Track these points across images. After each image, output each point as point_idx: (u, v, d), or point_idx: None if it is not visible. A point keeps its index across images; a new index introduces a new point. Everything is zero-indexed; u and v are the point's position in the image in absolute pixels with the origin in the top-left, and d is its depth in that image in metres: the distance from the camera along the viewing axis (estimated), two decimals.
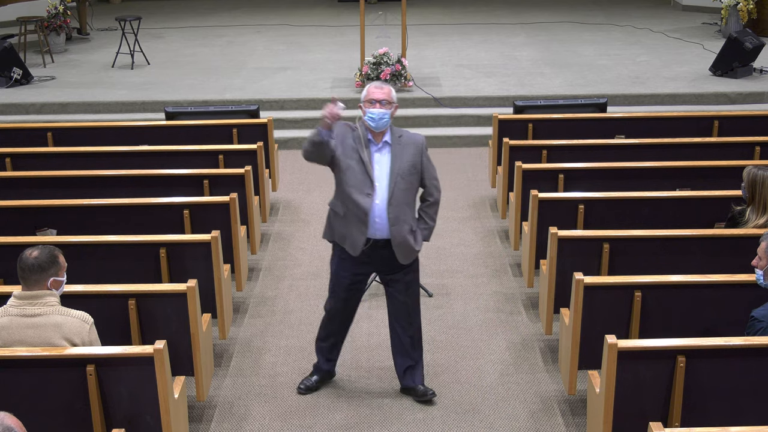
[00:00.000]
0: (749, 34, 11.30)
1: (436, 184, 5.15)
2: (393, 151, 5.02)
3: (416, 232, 5.10)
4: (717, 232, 5.76)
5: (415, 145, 5.07)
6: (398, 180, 4.99)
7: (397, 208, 4.99)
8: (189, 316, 4.97)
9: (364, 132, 5.05)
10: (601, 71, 11.64)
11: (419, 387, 5.33)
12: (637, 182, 6.75)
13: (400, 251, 5.05)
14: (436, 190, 5.15)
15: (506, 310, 6.45)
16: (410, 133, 5.15)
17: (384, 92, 5.02)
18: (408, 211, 5.04)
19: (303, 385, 5.47)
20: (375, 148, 5.04)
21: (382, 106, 4.98)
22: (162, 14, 15.92)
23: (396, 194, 4.99)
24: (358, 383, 5.56)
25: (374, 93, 5.00)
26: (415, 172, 5.04)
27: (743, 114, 8.64)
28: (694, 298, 5.01)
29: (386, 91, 5.04)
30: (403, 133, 5.11)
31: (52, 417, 4.35)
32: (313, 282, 6.90)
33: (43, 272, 4.23)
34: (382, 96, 4.99)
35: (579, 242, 5.65)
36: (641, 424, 4.34)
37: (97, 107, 10.76)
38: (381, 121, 4.98)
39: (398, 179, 4.99)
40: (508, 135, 7.76)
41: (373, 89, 5.03)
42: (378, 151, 5.04)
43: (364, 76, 10.71)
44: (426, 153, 5.11)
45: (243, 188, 6.85)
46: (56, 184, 6.83)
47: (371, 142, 5.05)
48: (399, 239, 5.02)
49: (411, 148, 5.05)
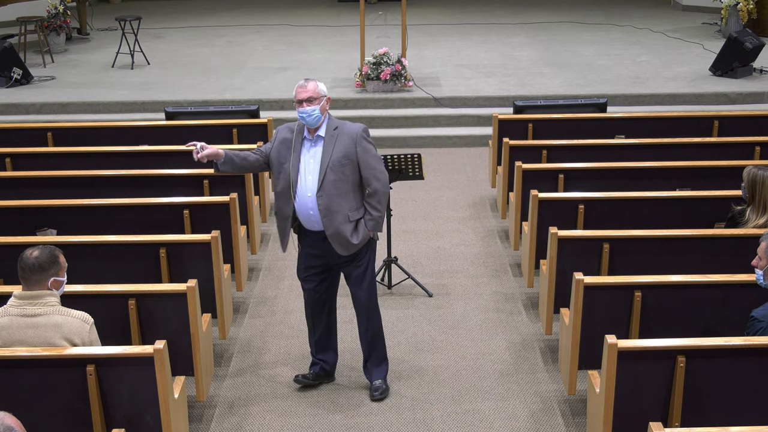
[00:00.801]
0: (749, 34, 11.30)
1: (375, 173, 5.11)
2: (325, 144, 5.08)
3: (358, 223, 5.12)
4: (717, 232, 5.76)
5: (349, 136, 5.09)
6: (327, 172, 5.03)
7: (327, 200, 5.03)
8: (189, 316, 4.97)
9: (301, 130, 5.14)
10: (601, 71, 11.64)
11: (375, 382, 5.42)
12: (637, 182, 6.75)
13: (335, 242, 5.10)
14: (374, 179, 5.11)
15: (506, 310, 6.45)
16: (347, 125, 5.16)
17: (308, 90, 5.04)
18: (342, 202, 5.05)
19: (300, 375, 5.54)
20: (309, 144, 5.11)
21: (310, 104, 5.02)
22: (162, 14, 15.92)
23: (325, 186, 5.03)
24: (358, 383, 5.56)
25: (299, 93, 5.04)
26: (347, 163, 5.06)
27: (743, 114, 8.64)
28: (694, 298, 5.01)
29: (310, 88, 5.05)
30: (339, 125, 5.14)
31: (52, 417, 4.35)
32: None
33: (43, 272, 4.23)
34: (306, 95, 5.02)
35: (579, 242, 5.65)
36: (641, 424, 4.34)
37: (97, 107, 10.76)
38: (311, 118, 5.03)
39: (327, 171, 5.03)
40: (508, 135, 7.76)
41: (298, 89, 5.06)
42: (312, 146, 5.11)
43: (364, 76, 10.71)
44: (362, 143, 5.08)
45: (243, 188, 6.85)
46: (56, 184, 6.83)
47: (306, 138, 5.12)
48: (331, 230, 5.07)
49: (344, 139, 5.08)
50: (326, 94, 5.12)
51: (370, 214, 5.16)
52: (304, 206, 5.10)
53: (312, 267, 5.31)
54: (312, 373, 5.51)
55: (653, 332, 5.00)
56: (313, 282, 5.34)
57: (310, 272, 5.33)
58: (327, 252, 5.19)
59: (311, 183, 5.07)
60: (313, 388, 5.51)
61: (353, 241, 5.11)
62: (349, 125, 5.16)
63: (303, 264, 5.34)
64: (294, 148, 5.11)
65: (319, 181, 5.05)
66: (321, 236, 5.14)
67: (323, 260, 5.27)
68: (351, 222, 5.10)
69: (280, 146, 5.15)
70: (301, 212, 5.13)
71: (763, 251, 4.45)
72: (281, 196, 5.17)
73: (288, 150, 5.12)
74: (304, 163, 5.10)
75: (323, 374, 5.54)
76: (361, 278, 5.28)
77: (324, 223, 5.07)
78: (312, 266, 5.31)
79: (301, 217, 5.15)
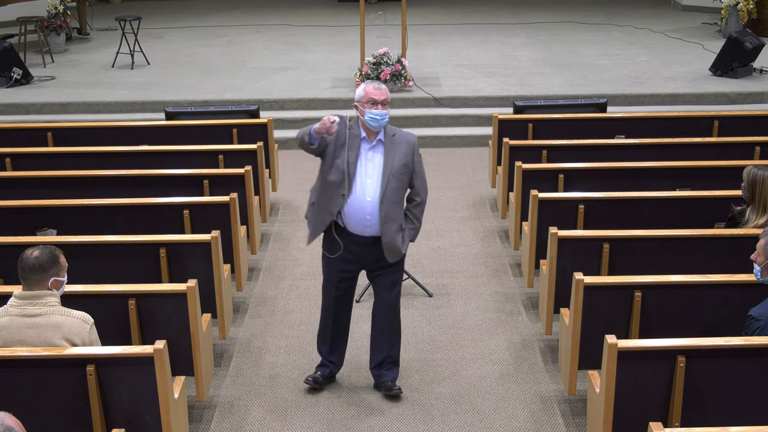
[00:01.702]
0: (749, 34, 11.30)
1: (425, 184, 5.22)
2: (386, 150, 5.07)
3: (404, 231, 5.15)
4: (717, 232, 5.76)
5: (408, 144, 5.12)
6: (390, 178, 5.04)
7: (387, 206, 5.04)
8: (189, 316, 4.97)
9: (358, 131, 5.10)
10: (601, 71, 11.64)
11: (389, 383, 5.39)
12: (637, 182, 6.75)
13: (388, 249, 5.09)
14: (423, 190, 5.21)
15: (506, 310, 6.45)
16: (403, 132, 5.19)
17: (383, 92, 5.06)
18: (397, 209, 5.10)
19: (310, 377, 5.48)
20: (368, 146, 5.09)
21: (384, 107, 5.04)
22: (162, 14, 15.92)
23: (388, 193, 5.03)
24: (358, 383, 5.56)
25: (375, 94, 5.02)
26: (406, 171, 5.10)
27: (743, 114, 8.64)
28: (694, 298, 5.01)
29: (384, 91, 5.08)
30: (396, 132, 5.15)
31: (52, 417, 4.35)
32: (313, 282, 6.90)
33: (43, 272, 4.23)
34: (383, 97, 5.03)
35: (579, 242, 5.65)
36: (641, 424, 4.34)
37: (97, 107, 10.76)
38: (383, 121, 5.05)
39: (390, 178, 5.04)
40: (508, 135, 7.76)
41: (372, 90, 5.05)
42: (371, 150, 5.09)
43: (364, 76, 10.71)
44: (418, 151, 5.16)
45: (243, 188, 6.85)
46: (56, 184, 6.83)
47: (364, 140, 5.09)
48: (388, 237, 5.06)
49: (403, 147, 5.10)
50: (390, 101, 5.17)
51: (413, 223, 5.20)
52: (360, 210, 5.05)
53: (346, 271, 5.25)
54: (322, 375, 5.48)
55: (653, 332, 5.00)
56: (344, 287, 5.31)
57: (343, 276, 5.26)
58: (368, 257, 5.17)
59: (371, 188, 5.04)
60: (314, 389, 5.51)
61: (402, 250, 5.15)
62: (404, 133, 5.18)
63: (336, 267, 5.24)
64: (350, 146, 5.06)
65: (383, 188, 5.03)
66: (368, 241, 5.11)
67: (359, 265, 5.24)
68: (401, 230, 5.13)
69: (336, 139, 5.09)
70: (354, 215, 5.07)
71: (762, 248, 4.46)
72: (329, 192, 5.09)
73: (342, 147, 5.07)
74: (363, 166, 5.06)
75: (331, 377, 5.53)
76: (395, 283, 5.28)
77: (382, 230, 5.05)
78: (346, 270, 5.24)
79: (353, 220, 5.09)
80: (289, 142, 10.11)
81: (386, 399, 5.38)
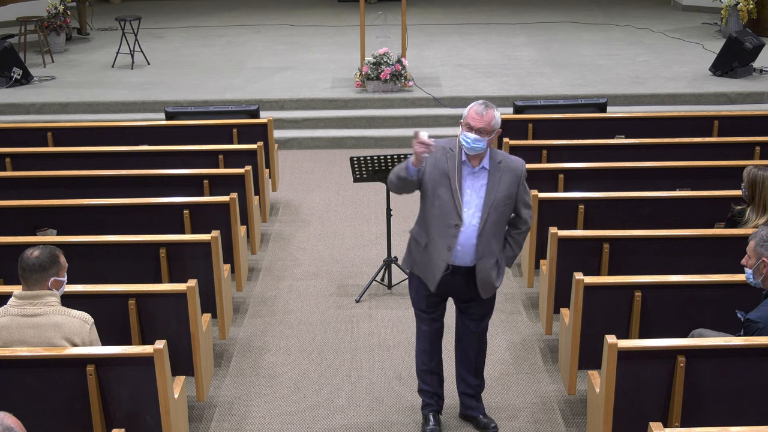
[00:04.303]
0: (749, 34, 11.30)
1: (530, 212, 4.80)
2: (490, 179, 4.64)
3: (500, 263, 4.78)
4: (717, 232, 5.76)
5: (514, 173, 4.68)
6: (491, 212, 4.63)
7: (485, 240, 4.66)
8: (189, 316, 4.97)
9: (460, 154, 4.66)
10: (601, 71, 11.64)
11: (480, 417, 5.11)
12: (637, 182, 6.75)
13: (482, 285, 4.75)
14: (529, 217, 4.80)
15: (506, 310, 6.45)
16: (510, 159, 4.73)
17: (484, 121, 4.54)
18: (495, 243, 4.71)
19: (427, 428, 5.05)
20: (469, 171, 4.65)
21: (479, 134, 4.55)
22: (162, 14, 15.92)
23: (488, 226, 4.64)
24: (358, 383, 5.56)
25: (473, 119, 4.55)
26: (509, 203, 4.69)
27: (743, 114, 8.64)
28: (694, 298, 5.01)
29: (487, 119, 4.55)
30: (503, 159, 4.69)
31: (52, 417, 4.35)
32: (313, 282, 6.90)
33: (43, 272, 4.23)
34: (480, 125, 4.53)
35: (579, 242, 5.65)
36: (641, 424, 4.34)
37: (97, 107, 10.76)
38: (474, 147, 4.57)
39: (491, 210, 4.63)
40: (508, 135, 7.75)
41: (473, 114, 4.56)
42: (472, 176, 4.65)
43: (364, 76, 10.71)
44: (524, 181, 4.74)
45: (243, 188, 6.85)
46: (56, 184, 6.83)
47: (466, 164, 4.65)
48: (483, 274, 4.71)
49: (509, 177, 4.66)
50: (499, 126, 4.64)
51: (513, 250, 4.83)
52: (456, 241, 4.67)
53: (435, 296, 4.86)
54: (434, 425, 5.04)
55: (653, 332, 5.00)
56: (436, 312, 4.94)
57: (432, 301, 4.89)
58: (461, 287, 4.79)
59: (467, 217, 4.63)
60: (314, 390, 5.51)
61: (496, 285, 4.80)
62: (512, 160, 4.73)
63: (424, 292, 4.86)
64: (453, 174, 4.63)
65: (482, 221, 4.62)
66: (461, 271, 4.72)
67: (447, 293, 4.88)
68: (497, 265, 4.77)
69: (433, 168, 4.64)
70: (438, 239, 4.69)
71: (752, 250, 4.46)
72: (440, 227, 4.66)
73: (443, 175, 4.63)
74: (463, 194, 4.64)
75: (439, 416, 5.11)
76: (484, 316, 4.97)
77: (478, 266, 4.68)
78: (435, 295, 4.85)
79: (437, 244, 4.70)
80: (289, 142, 10.12)
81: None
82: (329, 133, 10.29)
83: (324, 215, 8.22)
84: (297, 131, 10.35)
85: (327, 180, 9.10)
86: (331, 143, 10.14)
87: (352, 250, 7.43)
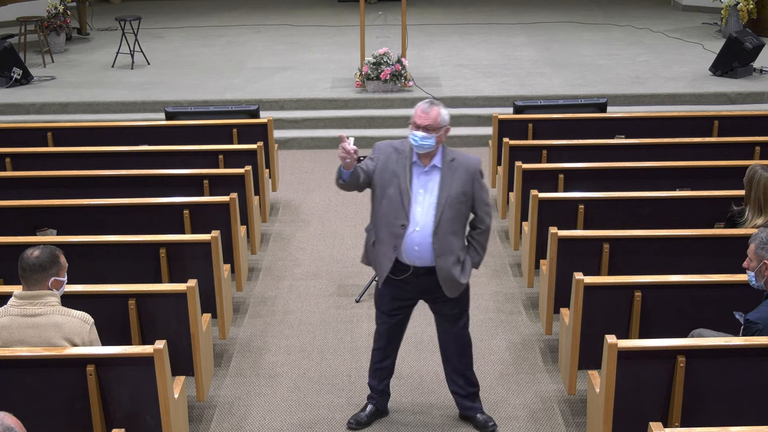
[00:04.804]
0: (749, 34, 11.30)
1: (488, 210, 4.79)
2: (442, 176, 4.65)
3: (464, 262, 4.76)
4: (717, 232, 5.76)
5: (467, 170, 4.68)
6: (445, 209, 4.63)
7: (442, 239, 4.64)
8: (189, 316, 4.97)
9: (410, 154, 4.68)
10: (601, 71, 11.64)
11: (478, 416, 5.10)
12: (637, 182, 6.75)
13: (446, 284, 4.73)
14: (487, 216, 4.78)
15: (506, 310, 6.45)
16: (464, 156, 4.74)
17: (430, 118, 4.56)
18: (454, 240, 4.69)
19: (353, 419, 5.13)
20: (421, 171, 4.66)
21: (426, 132, 4.57)
22: (162, 14, 15.92)
23: (442, 224, 4.63)
24: (358, 383, 5.56)
25: (419, 117, 4.57)
26: (465, 200, 4.67)
27: (743, 114, 8.64)
28: (694, 298, 5.01)
29: (432, 116, 4.57)
30: (456, 157, 4.70)
31: (52, 417, 4.35)
32: (313, 282, 6.90)
33: (44, 272, 4.23)
34: (426, 122, 4.55)
35: (579, 242, 5.65)
36: (641, 424, 4.34)
37: (97, 107, 10.76)
38: (423, 145, 4.59)
39: (446, 208, 4.63)
40: (508, 135, 7.76)
41: (419, 112, 4.59)
42: (425, 175, 4.66)
43: (364, 76, 10.71)
44: (479, 178, 4.73)
45: (243, 188, 6.85)
46: (56, 184, 6.83)
47: (417, 165, 4.67)
48: (444, 272, 4.68)
49: (462, 174, 4.66)
50: (447, 124, 4.65)
51: (477, 252, 4.80)
52: (409, 240, 4.67)
53: (401, 299, 4.86)
54: (367, 415, 5.14)
55: (653, 332, 5.00)
56: (399, 316, 4.94)
57: (398, 305, 4.88)
58: (426, 288, 4.78)
59: (421, 217, 4.63)
60: (314, 390, 5.51)
61: (462, 281, 4.74)
62: (466, 158, 4.73)
63: (389, 295, 4.85)
64: (403, 174, 4.65)
65: (436, 219, 4.62)
66: (420, 271, 4.72)
67: (414, 295, 4.86)
68: (460, 262, 4.72)
69: (384, 168, 4.66)
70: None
71: (753, 252, 4.46)
72: (387, 226, 4.67)
73: (393, 174, 4.65)
74: (414, 193, 4.65)
75: (378, 413, 5.18)
76: (459, 316, 4.93)
77: (437, 264, 4.66)
78: (402, 298, 4.85)
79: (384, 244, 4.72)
80: (289, 142, 10.12)
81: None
82: (329, 133, 10.29)
83: (324, 215, 8.22)
84: (297, 131, 10.35)
85: (327, 180, 9.09)
86: (331, 143, 10.14)
87: (352, 250, 7.43)
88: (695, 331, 4.83)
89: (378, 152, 4.74)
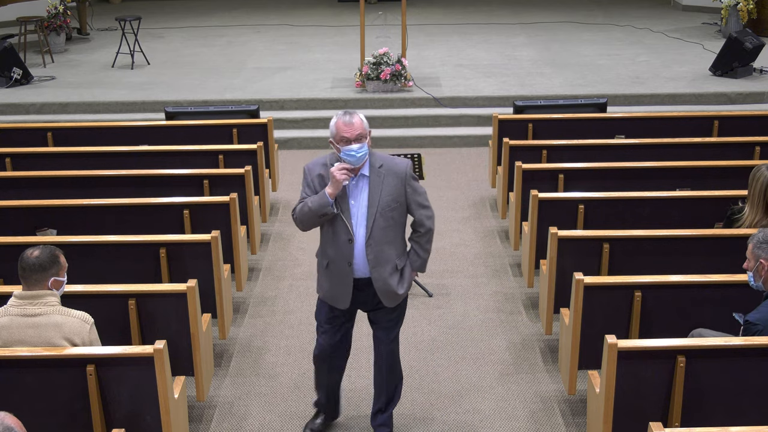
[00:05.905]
0: (749, 34, 11.30)
1: (427, 212, 4.65)
2: (371, 185, 4.53)
3: (403, 270, 4.66)
4: (717, 232, 5.75)
5: (397, 175, 4.54)
6: (377, 218, 4.52)
7: (376, 249, 4.54)
8: (189, 316, 4.97)
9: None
10: (601, 71, 11.64)
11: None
12: (637, 182, 6.75)
13: (383, 295, 4.63)
14: (426, 219, 4.64)
15: (506, 310, 6.45)
16: (392, 161, 4.60)
17: (355, 128, 4.44)
18: (390, 249, 4.58)
19: (308, 428, 5.12)
20: (350, 183, 4.54)
21: (359, 142, 4.44)
22: (162, 14, 15.92)
23: (375, 233, 4.52)
24: (358, 383, 5.56)
25: (345, 131, 4.43)
26: (396, 207, 4.55)
27: (743, 114, 8.64)
28: (694, 298, 5.01)
29: (357, 124, 4.45)
30: (383, 162, 4.57)
31: (52, 417, 4.35)
32: (313, 282, 6.89)
33: (44, 272, 4.23)
34: (356, 133, 4.43)
35: (579, 242, 5.65)
36: (641, 424, 4.34)
37: (97, 107, 10.76)
38: (362, 155, 4.47)
39: (377, 216, 4.52)
40: (508, 135, 7.76)
41: (342, 126, 4.44)
42: (353, 186, 4.55)
43: (364, 76, 10.71)
44: (411, 182, 4.59)
45: (243, 188, 6.85)
46: (56, 184, 6.83)
47: None
48: (380, 282, 4.59)
49: (392, 180, 4.54)
50: (369, 128, 4.56)
51: (418, 255, 4.70)
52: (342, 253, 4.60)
53: (340, 311, 4.77)
54: (321, 423, 5.12)
55: (653, 332, 5.00)
56: (338, 329, 4.81)
57: (335, 316, 4.78)
58: (364, 298, 4.69)
59: (357, 229, 4.54)
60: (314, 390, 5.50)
61: (400, 292, 4.64)
62: (394, 162, 4.60)
63: (327, 307, 4.77)
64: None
65: (368, 229, 4.51)
66: (361, 283, 4.63)
67: (354, 306, 4.76)
68: (398, 271, 4.62)
69: (319, 188, 4.56)
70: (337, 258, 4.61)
71: (751, 252, 4.46)
72: (335, 244, 4.58)
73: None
74: (346, 205, 4.55)
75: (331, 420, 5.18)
76: (395, 324, 4.83)
77: (373, 275, 4.57)
78: (339, 310, 4.77)
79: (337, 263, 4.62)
80: (289, 142, 10.12)
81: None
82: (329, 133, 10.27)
83: None
84: (297, 131, 10.35)
85: None
86: None
87: None
88: (695, 331, 4.83)
89: (310, 175, 4.61)
